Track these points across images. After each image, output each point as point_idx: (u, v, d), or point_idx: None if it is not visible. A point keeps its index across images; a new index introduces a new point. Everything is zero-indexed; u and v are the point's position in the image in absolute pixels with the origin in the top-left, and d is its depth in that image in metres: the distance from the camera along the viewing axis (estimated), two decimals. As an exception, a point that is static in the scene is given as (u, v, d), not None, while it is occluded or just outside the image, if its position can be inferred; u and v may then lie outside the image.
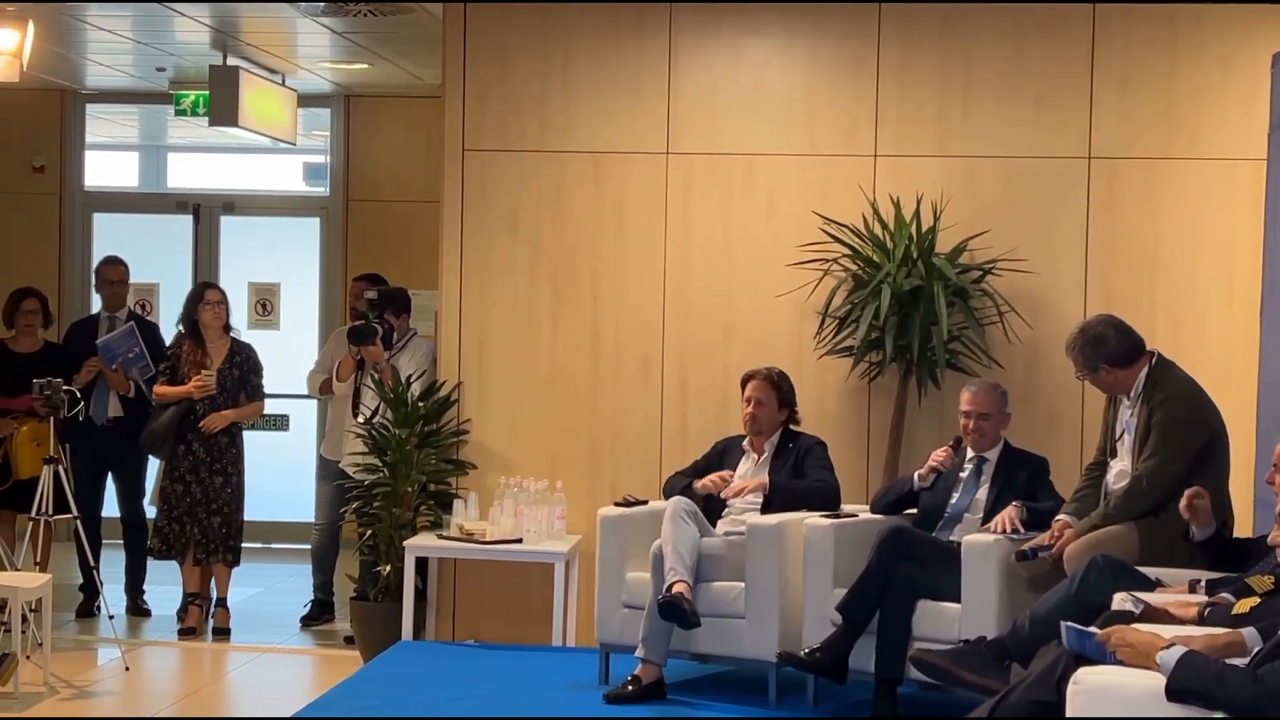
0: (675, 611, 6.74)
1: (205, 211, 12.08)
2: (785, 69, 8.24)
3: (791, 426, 7.46)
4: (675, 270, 8.26)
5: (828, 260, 7.93)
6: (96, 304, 9.90)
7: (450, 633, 8.26)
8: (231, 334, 9.03)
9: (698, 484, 7.35)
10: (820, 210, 8.01)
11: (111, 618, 8.55)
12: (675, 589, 6.79)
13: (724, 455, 7.52)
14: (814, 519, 7.01)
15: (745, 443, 7.48)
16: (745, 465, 7.45)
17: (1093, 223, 8.03)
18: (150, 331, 9.44)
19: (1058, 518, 6.56)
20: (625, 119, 8.27)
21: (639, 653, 6.94)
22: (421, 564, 8.06)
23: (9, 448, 9.01)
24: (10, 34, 8.53)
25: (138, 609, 9.28)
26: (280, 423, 11.54)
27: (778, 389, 7.40)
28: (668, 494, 7.39)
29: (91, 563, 8.71)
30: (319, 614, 9.24)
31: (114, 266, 9.56)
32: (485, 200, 8.34)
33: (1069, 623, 4.80)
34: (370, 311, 8.64)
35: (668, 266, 8.27)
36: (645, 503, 7.46)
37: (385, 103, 11.72)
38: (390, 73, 10.72)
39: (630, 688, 6.90)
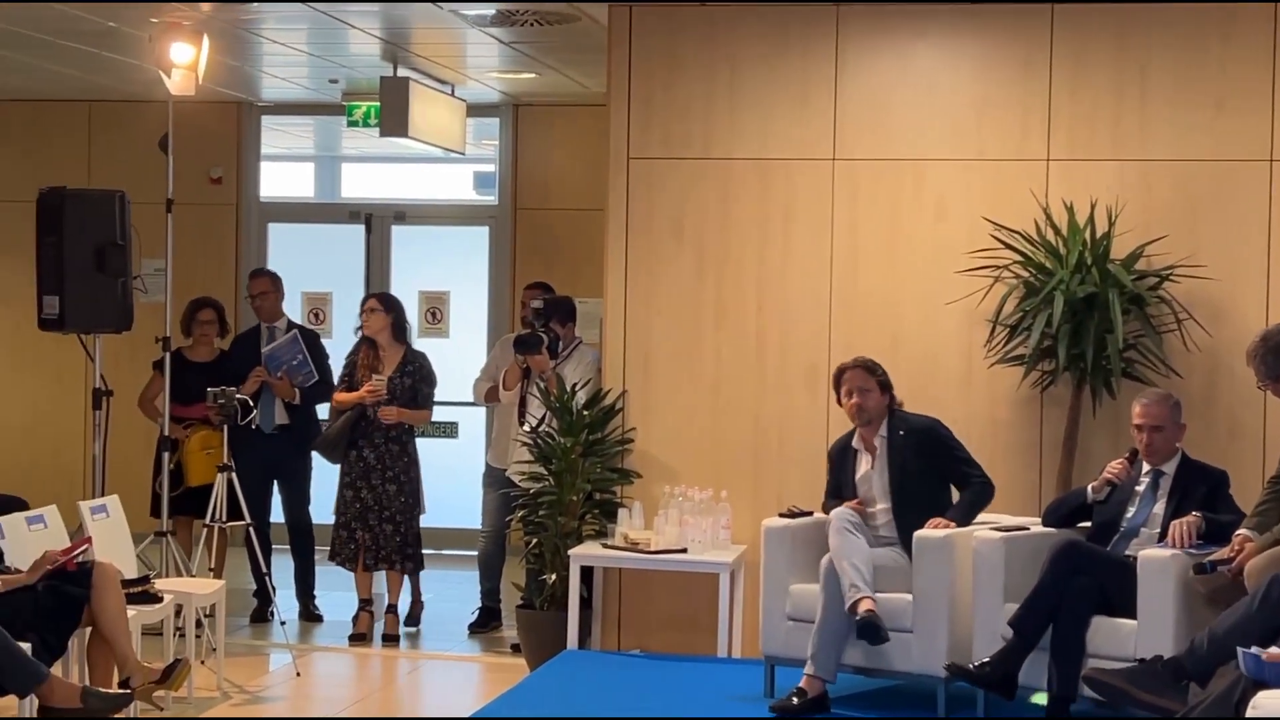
0: (872, 631, 6.69)
1: (377, 221, 12.22)
2: (954, 72, 8.10)
3: (896, 410, 7.30)
4: (841, 278, 8.17)
5: (998, 267, 7.78)
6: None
7: (615, 642, 8.24)
8: (408, 342, 9.07)
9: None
10: (990, 216, 7.86)
11: (283, 623, 8.69)
12: (864, 607, 6.72)
13: (841, 462, 7.38)
14: (984, 532, 6.88)
15: (854, 440, 7.35)
16: (863, 468, 7.32)
17: (1275, 228, 7.77)
18: (312, 339, 9.56)
19: (1238, 531, 6.36)
20: (791, 125, 8.20)
21: (808, 668, 6.85)
22: (587, 573, 8.05)
23: (182, 455, 9.18)
24: (187, 49, 8.70)
25: (310, 614, 9.39)
26: (449, 430, 11.63)
27: (874, 374, 7.29)
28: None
29: (263, 569, 8.85)
30: (486, 621, 9.28)
31: (256, 280, 9.73)
32: (650, 208, 8.32)
33: (1246, 650, 4.63)
34: (536, 320, 8.66)
35: (834, 274, 8.18)
36: (810, 514, 7.37)
37: (552, 111, 11.76)
38: (557, 81, 10.75)
39: (795, 700, 6.82)
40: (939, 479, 7.24)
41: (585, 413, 8.19)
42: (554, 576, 8.07)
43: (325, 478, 9.38)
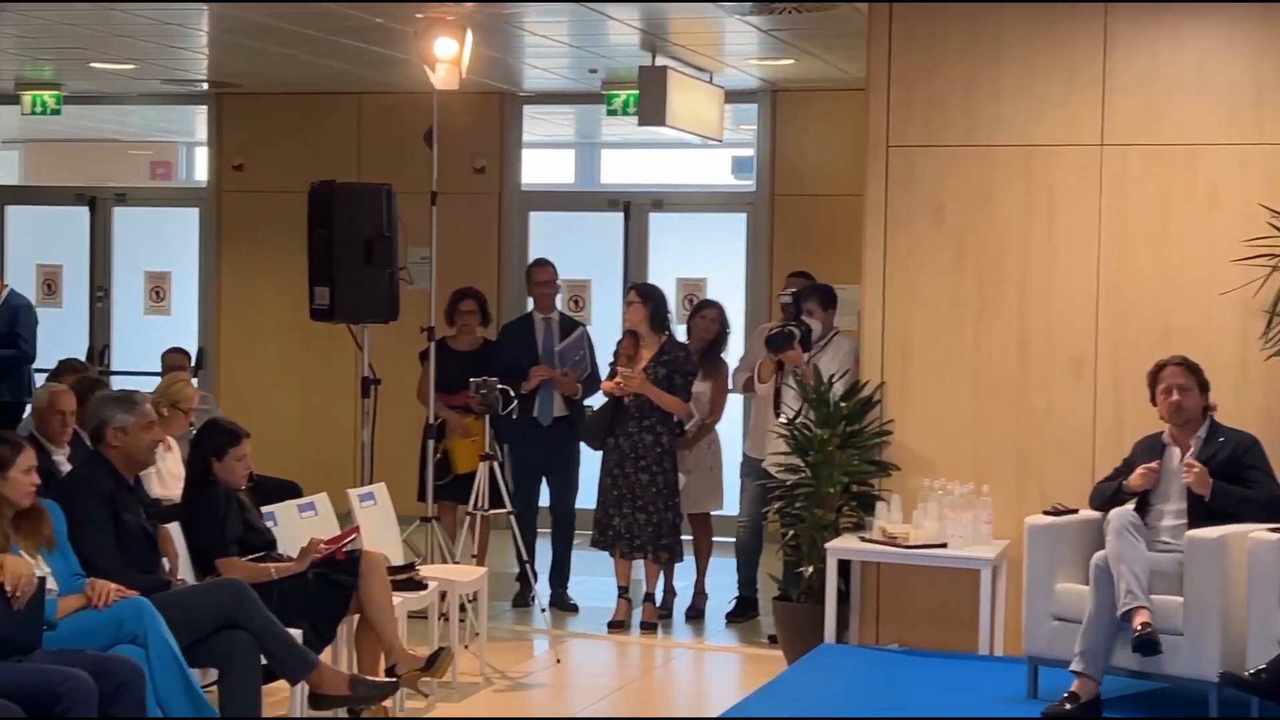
0: (1149, 646, 6.51)
1: (635, 209, 12.29)
2: (1229, 53, 7.80)
3: (1214, 417, 7.05)
4: (1109, 266, 7.93)
5: (1276, 255, 7.47)
6: (530, 303, 10.16)
7: (874, 636, 8.15)
8: (668, 333, 9.09)
9: (1128, 482, 7.01)
10: (1267, 203, 7.55)
11: (544, 610, 8.81)
12: (1140, 620, 6.53)
13: (1146, 456, 7.14)
14: (1260, 533, 6.61)
15: (1165, 435, 7.10)
16: (1170, 465, 7.07)
17: None
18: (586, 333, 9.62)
19: None
20: (1057, 110, 7.99)
21: (1076, 666, 6.68)
22: (844, 566, 7.98)
23: (448, 443, 9.36)
24: (450, 43, 8.84)
25: (563, 603, 9.49)
26: (707, 417, 11.63)
27: (1195, 374, 7.02)
28: (1094, 502, 7.10)
29: (525, 556, 8.97)
30: (743, 611, 9.28)
31: (542, 268, 9.81)
32: (910, 195, 8.19)
33: None
34: (787, 311, 8.61)
35: (1101, 263, 7.95)
36: (1075, 511, 7.18)
37: (811, 97, 11.67)
38: (815, 67, 10.66)
39: (1068, 705, 6.64)
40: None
41: (842, 404, 8.11)
42: (811, 569, 8.02)
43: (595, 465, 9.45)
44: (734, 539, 9.39)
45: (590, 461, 9.48)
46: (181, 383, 8.15)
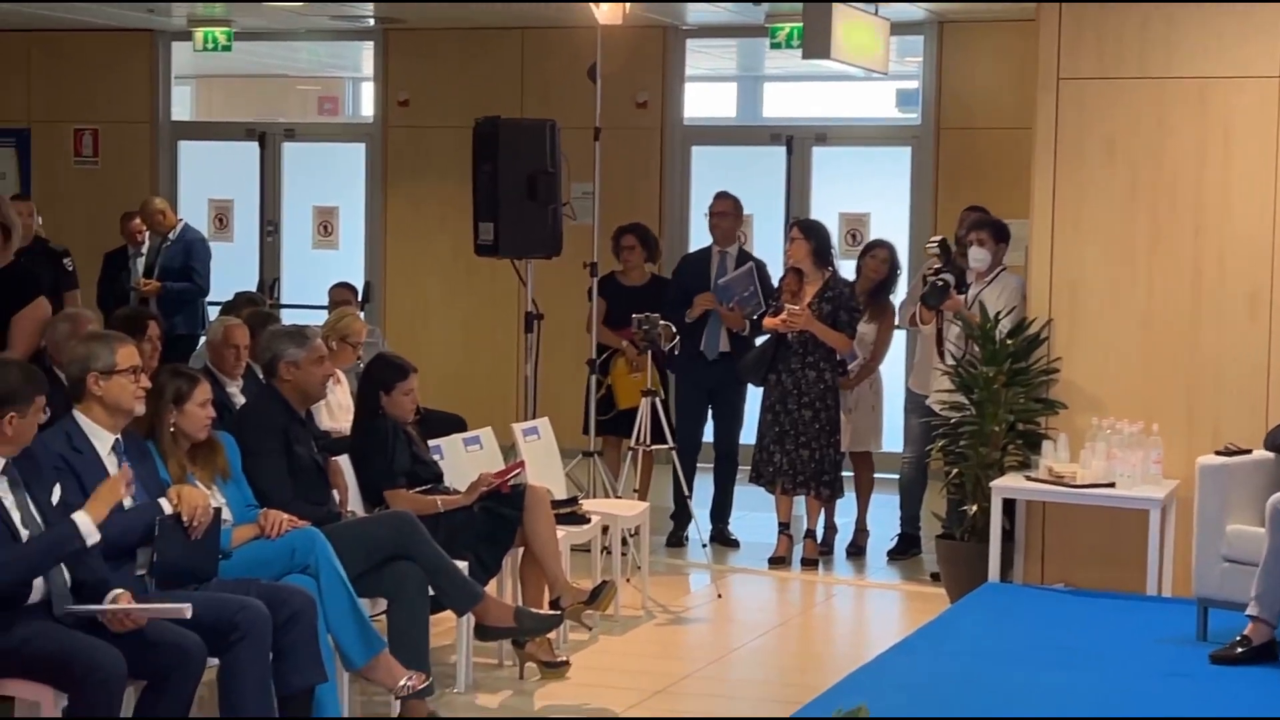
0: None
1: (798, 143, 12.20)
2: None
3: None
4: (1287, 201, 7.73)
5: None
6: (700, 238, 10.12)
7: (1039, 575, 8.07)
8: (831, 269, 9.02)
9: None
10: None
11: (705, 545, 8.85)
12: None
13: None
14: None
15: None
16: None
17: None
18: (761, 267, 9.56)
19: None
20: (1234, 42, 7.77)
21: (1251, 610, 6.55)
22: (1009, 505, 7.90)
23: (612, 379, 9.40)
24: (614, -21, 8.82)
25: (724, 538, 9.50)
26: (869, 352, 11.55)
27: None
28: (1270, 442, 6.93)
29: (686, 492, 9.00)
30: (905, 549, 9.23)
31: (720, 200, 9.74)
32: (1080, 129, 8.03)
33: None
34: (938, 259, 8.50)
35: (1279, 198, 7.74)
36: (1249, 452, 7.03)
37: (978, 28, 11.47)
38: (983, -2, 10.49)
39: (1239, 649, 6.52)
40: None
41: (1009, 342, 8.00)
42: (975, 507, 7.95)
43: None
44: (896, 476, 9.34)
45: (753, 397, 9.46)
46: (350, 317, 8.27)
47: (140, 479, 5.36)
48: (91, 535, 4.87)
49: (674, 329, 8.82)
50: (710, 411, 9.61)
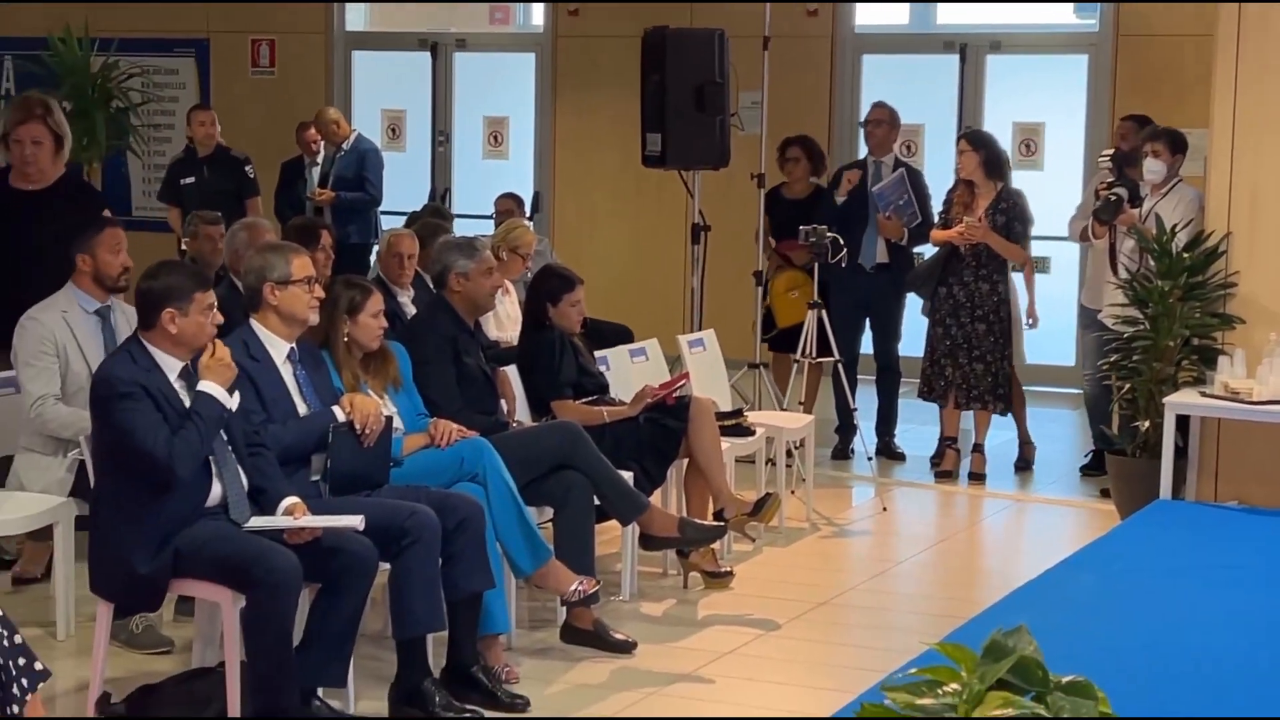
0: None
1: (972, 51, 12.00)
2: None
3: None
4: None
5: None
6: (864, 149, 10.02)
7: (1212, 493, 7.93)
8: (1004, 180, 8.88)
9: None
10: None
11: (870, 459, 8.83)
12: None
13: None
14: None
15: None
16: None
17: None
18: (915, 177, 9.48)
19: None
20: None
21: None
22: (1182, 421, 7.76)
23: (770, 300, 9.39)
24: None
25: (890, 451, 9.46)
26: (1041, 265, 11.38)
27: None
28: None
29: (851, 404, 8.98)
30: (1098, 465, 9.01)
31: (876, 109, 9.63)
32: (1264, 37, 7.78)
33: None
34: (1111, 172, 8.32)
35: None
36: None
37: (1160, -69, 11.17)
38: (1166, -100, 10.19)
39: None
40: None
41: (1185, 255, 7.84)
42: (1147, 424, 7.83)
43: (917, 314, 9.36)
44: (1073, 390, 9.20)
45: (911, 308, 9.39)
46: (521, 228, 8.34)
47: (314, 387, 5.49)
48: (227, 399, 4.98)
49: (841, 241, 8.76)
50: (870, 322, 9.53)
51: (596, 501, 6.13)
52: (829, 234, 8.63)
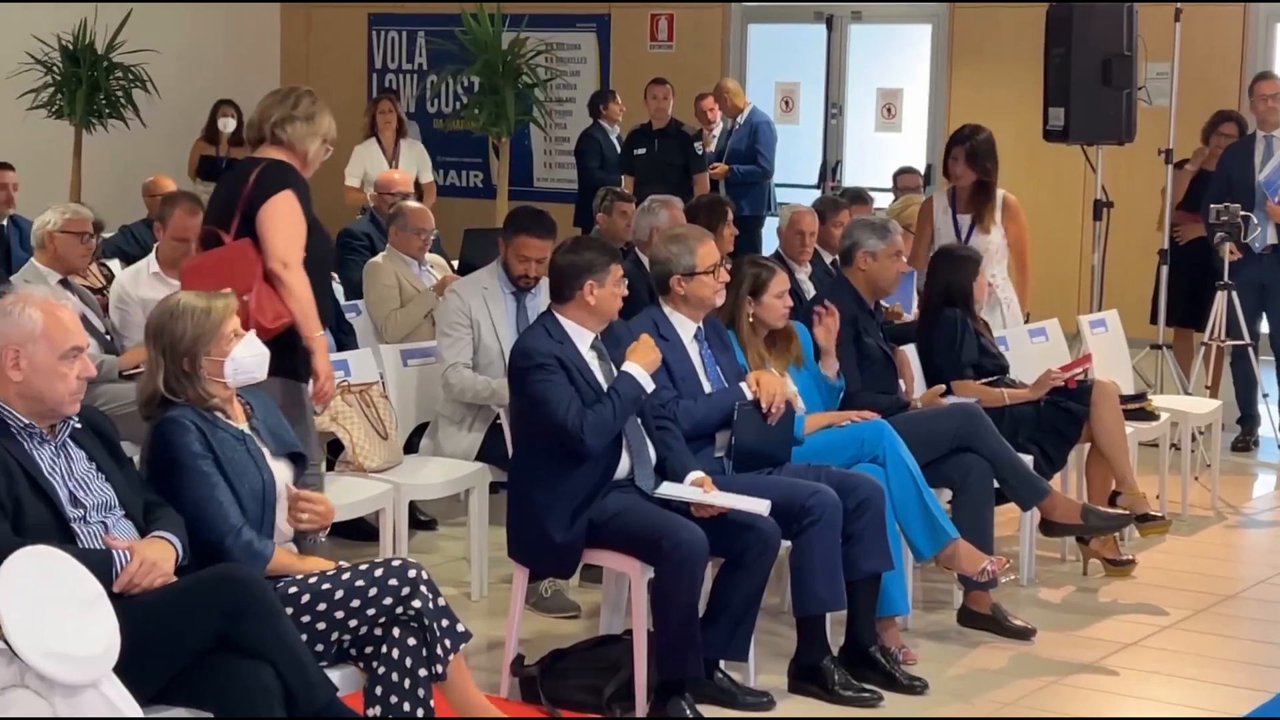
0: None
1: None
2: None
3: None
4: None
5: None
6: None
7: None
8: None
9: None
10: None
11: (1280, 445, 8.50)
12: None
13: None
14: None
15: None
16: None
17: None
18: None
19: None
20: None
21: None
22: None
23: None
24: None
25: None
26: None
27: None
28: None
29: (1262, 390, 8.62)
30: None
31: (1266, 82, 9.20)
32: None
33: None
34: None
35: None
36: None
37: None
38: None
39: None
40: None
41: None
42: None
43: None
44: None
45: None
46: (915, 205, 8.28)
47: (720, 366, 5.59)
48: (648, 382, 5.10)
49: (1254, 219, 8.42)
50: (1263, 306, 9.10)
51: (995, 485, 6.07)
52: (1241, 213, 8.31)
